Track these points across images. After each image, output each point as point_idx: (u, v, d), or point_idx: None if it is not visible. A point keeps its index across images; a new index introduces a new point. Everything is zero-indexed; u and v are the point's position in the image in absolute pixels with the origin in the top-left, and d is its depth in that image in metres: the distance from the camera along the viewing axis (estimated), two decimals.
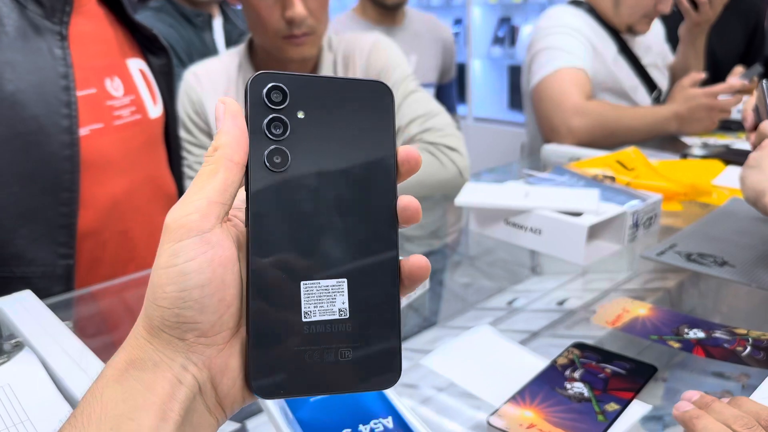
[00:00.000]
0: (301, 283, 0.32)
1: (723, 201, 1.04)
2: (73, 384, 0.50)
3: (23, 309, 0.62)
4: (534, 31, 1.62)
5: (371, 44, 1.23)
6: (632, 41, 1.64)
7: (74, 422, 0.29)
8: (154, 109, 0.93)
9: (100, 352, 0.54)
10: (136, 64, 0.93)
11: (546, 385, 0.58)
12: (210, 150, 0.32)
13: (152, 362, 0.30)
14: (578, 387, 0.57)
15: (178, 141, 1.06)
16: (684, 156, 1.33)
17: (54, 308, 0.62)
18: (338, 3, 3.38)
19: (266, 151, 0.32)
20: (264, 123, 0.32)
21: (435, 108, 1.21)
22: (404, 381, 0.61)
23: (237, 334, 0.32)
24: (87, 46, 0.83)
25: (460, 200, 0.93)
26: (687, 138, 1.50)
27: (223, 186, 0.31)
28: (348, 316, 0.32)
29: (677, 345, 0.64)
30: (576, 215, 0.85)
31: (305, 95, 0.33)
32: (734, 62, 1.77)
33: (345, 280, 0.32)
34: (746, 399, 0.48)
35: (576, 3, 1.63)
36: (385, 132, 0.34)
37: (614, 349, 0.64)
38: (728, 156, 1.28)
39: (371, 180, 0.33)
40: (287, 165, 0.32)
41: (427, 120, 1.18)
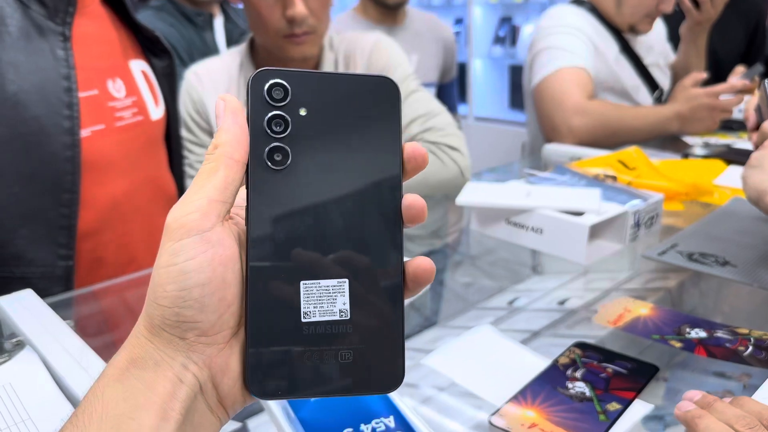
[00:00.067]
0: (301, 283, 0.32)
1: (724, 201, 1.04)
2: (74, 383, 0.50)
3: (24, 308, 0.62)
4: (535, 31, 1.62)
5: (372, 43, 1.22)
6: (634, 41, 1.64)
7: (75, 421, 0.29)
8: (156, 111, 0.93)
9: (101, 351, 0.54)
10: (139, 66, 0.93)
11: (547, 385, 0.58)
12: (210, 148, 0.32)
13: (153, 361, 0.30)
14: (580, 386, 0.57)
15: (180, 142, 1.06)
16: (685, 156, 1.33)
17: (55, 307, 0.62)
18: (339, 2, 3.38)
19: (267, 149, 0.32)
20: (265, 120, 0.32)
21: (436, 107, 1.21)
22: (405, 380, 0.61)
23: (238, 334, 0.32)
24: (90, 47, 0.83)
25: (462, 200, 0.93)
26: (688, 138, 1.49)
27: (224, 184, 0.31)
28: (349, 318, 0.32)
29: (679, 345, 0.64)
30: (577, 215, 0.85)
31: (308, 92, 0.32)
32: (736, 62, 1.77)
33: (346, 281, 0.32)
34: (748, 399, 0.48)
35: (578, 2, 1.63)
36: (391, 128, 0.33)
37: (616, 349, 0.64)
38: (730, 156, 1.28)
39: (375, 178, 0.33)
40: (288, 163, 0.32)
41: (429, 119, 1.18)
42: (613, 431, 0.52)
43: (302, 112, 0.32)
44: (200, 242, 0.30)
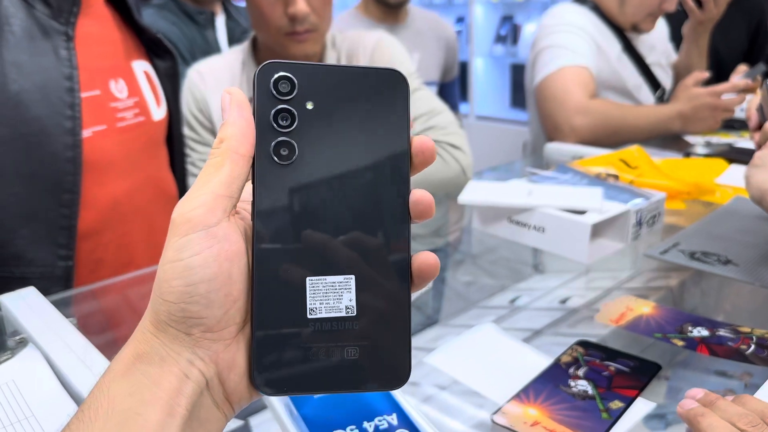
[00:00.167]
0: (307, 279, 0.31)
1: (726, 199, 1.04)
2: (78, 380, 0.50)
3: (27, 306, 0.62)
4: (538, 29, 1.62)
5: (375, 42, 1.23)
6: (636, 40, 1.64)
7: (81, 417, 0.29)
8: (158, 112, 0.93)
9: (104, 349, 0.54)
10: (141, 67, 0.93)
11: (550, 383, 0.58)
12: (216, 142, 0.32)
13: (159, 357, 0.30)
14: (582, 385, 0.57)
15: (182, 142, 1.06)
16: (687, 154, 1.33)
17: (58, 305, 0.62)
18: (341, 1, 3.37)
19: (273, 143, 0.31)
20: (271, 114, 0.31)
21: (438, 106, 1.21)
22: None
23: (244, 329, 0.31)
24: (93, 48, 0.83)
25: (463, 198, 0.93)
26: (690, 136, 1.49)
27: (229, 179, 0.31)
28: (355, 314, 0.32)
29: (681, 343, 0.64)
30: (579, 213, 0.85)
31: (315, 85, 0.32)
32: (738, 61, 1.76)
33: (353, 277, 0.32)
34: (750, 397, 0.48)
35: (580, 1, 1.63)
36: (399, 122, 0.33)
37: (618, 348, 0.64)
38: (731, 154, 1.28)
39: (383, 172, 0.32)
40: (294, 157, 0.31)
41: (431, 118, 1.18)
42: (616, 429, 0.52)
43: (309, 106, 0.32)
44: (206, 237, 0.29)
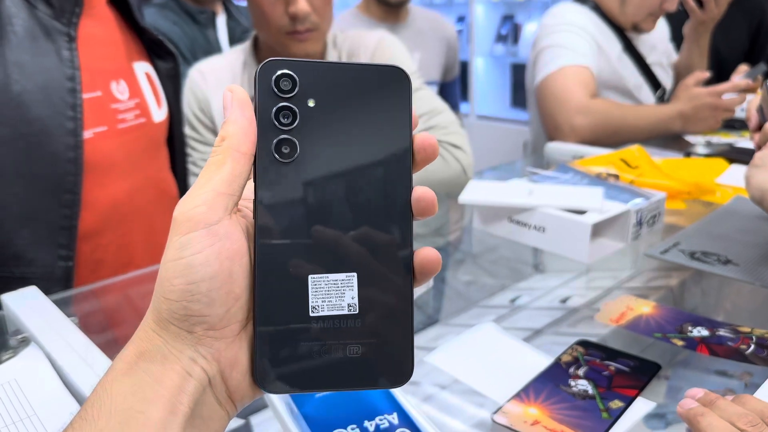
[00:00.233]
0: (309, 277, 0.31)
1: (727, 199, 1.04)
2: (79, 379, 0.50)
3: (29, 305, 0.62)
4: (539, 29, 1.62)
5: (376, 42, 1.23)
6: (637, 39, 1.64)
7: (84, 415, 0.29)
8: (159, 113, 0.93)
9: (106, 348, 0.54)
10: (143, 68, 0.93)
11: (550, 383, 0.58)
12: (217, 140, 0.31)
13: (161, 355, 0.30)
14: (582, 384, 0.57)
15: (183, 144, 1.06)
16: (688, 154, 1.33)
17: (59, 304, 0.63)
18: (342, 0, 3.37)
19: (274, 141, 0.31)
20: (272, 112, 0.31)
21: (439, 105, 1.21)
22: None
23: (247, 327, 0.32)
24: (95, 49, 0.83)
25: (464, 198, 0.93)
26: (691, 136, 1.49)
27: (231, 177, 0.31)
28: (357, 312, 0.32)
29: (681, 343, 0.65)
30: (580, 213, 0.85)
31: (316, 83, 0.32)
32: (739, 61, 1.76)
33: (355, 275, 0.32)
34: (750, 397, 0.48)
35: (581, 1, 1.63)
36: (401, 119, 0.32)
37: (618, 347, 0.64)
38: (732, 154, 1.28)
39: (385, 170, 0.32)
40: (296, 155, 0.31)
41: (431, 117, 1.18)
42: (616, 429, 0.52)
43: (311, 103, 0.32)
44: (207, 236, 0.30)
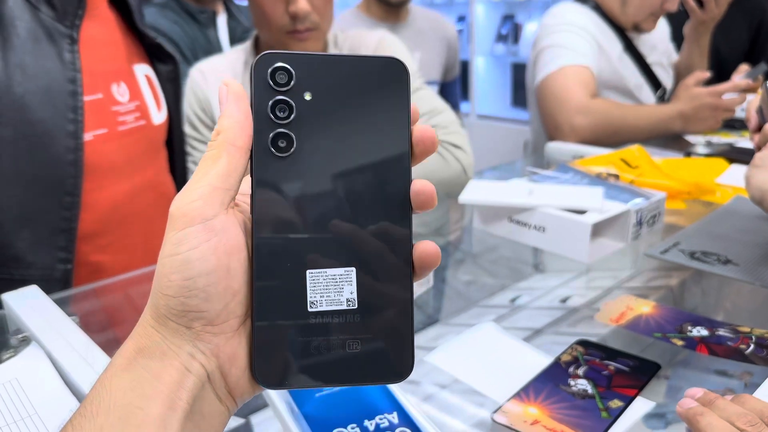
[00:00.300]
0: (307, 272, 0.31)
1: (727, 199, 1.04)
2: (80, 378, 0.50)
3: (30, 304, 0.62)
4: (539, 29, 1.62)
5: (377, 41, 1.23)
6: (637, 39, 1.64)
7: (83, 411, 0.29)
8: (158, 115, 0.94)
9: (106, 347, 0.54)
10: (143, 70, 0.93)
11: (550, 382, 0.58)
12: (213, 135, 0.31)
13: (160, 351, 0.30)
14: (582, 384, 0.58)
15: (183, 146, 1.06)
16: (688, 154, 1.33)
17: (60, 303, 0.63)
18: (342, 0, 3.37)
19: (271, 135, 0.31)
20: (269, 106, 0.31)
21: (440, 105, 1.22)
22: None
23: (246, 323, 0.31)
24: (96, 51, 0.83)
25: (464, 198, 0.93)
26: (691, 136, 1.49)
27: (227, 171, 0.30)
28: (356, 307, 0.31)
29: (680, 343, 0.65)
30: (580, 213, 0.85)
31: (312, 75, 0.32)
32: (739, 60, 1.76)
33: (353, 269, 0.31)
34: (750, 396, 0.48)
35: (581, 0, 1.63)
36: (399, 111, 0.32)
37: (617, 347, 0.64)
38: (732, 154, 1.28)
39: (383, 163, 0.32)
40: (293, 149, 0.31)
41: (432, 117, 1.18)
42: (615, 428, 0.52)
43: (307, 97, 0.31)
44: (203, 231, 0.29)
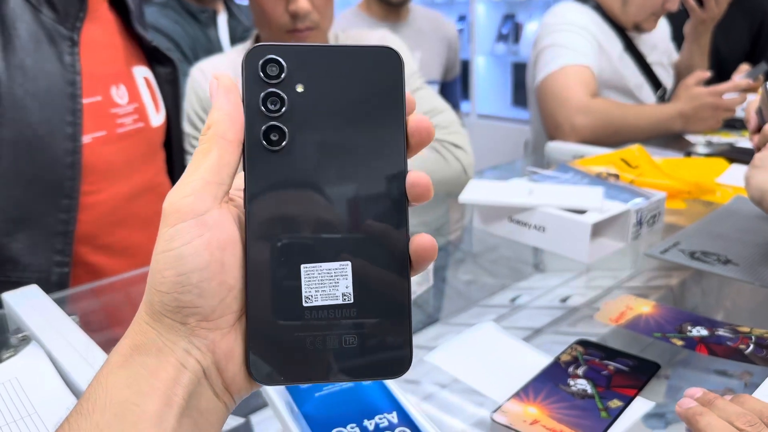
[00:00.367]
0: (301, 267, 0.31)
1: (727, 199, 1.04)
2: (80, 378, 0.50)
3: (30, 303, 0.62)
4: (540, 28, 1.62)
5: (377, 41, 1.23)
6: (638, 39, 1.64)
7: (80, 409, 0.29)
8: (156, 117, 0.94)
9: (106, 346, 0.54)
10: (142, 72, 0.93)
11: (549, 382, 0.58)
12: (204, 129, 0.31)
13: (156, 347, 0.29)
14: (581, 384, 0.58)
15: (181, 149, 1.06)
16: (688, 154, 1.33)
17: (60, 303, 0.63)
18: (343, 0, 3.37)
19: (262, 129, 0.31)
20: (260, 99, 0.31)
21: (440, 105, 1.22)
22: (407, 377, 0.61)
23: (242, 318, 0.31)
24: (96, 53, 0.84)
25: (464, 197, 0.93)
26: (691, 136, 1.49)
27: (218, 165, 0.30)
28: (352, 301, 0.31)
29: (680, 342, 0.65)
30: (580, 213, 0.85)
31: (304, 67, 0.31)
32: (739, 60, 1.76)
33: (349, 263, 0.31)
34: (749, 396, 0.48)
35: (582, 0, 1.63)
36: (394, 102, 0.31)
37: (617, 347, 0.64)
38: (732, 154, 1.28)
39: (378, 155, 0.31)
40: (285, 142, 0.31)
41: (433, 117, 1.18)
42: (615, 428, 0.52)
43: (299, 89, 0.31)
44: (196, 226, 0.29)
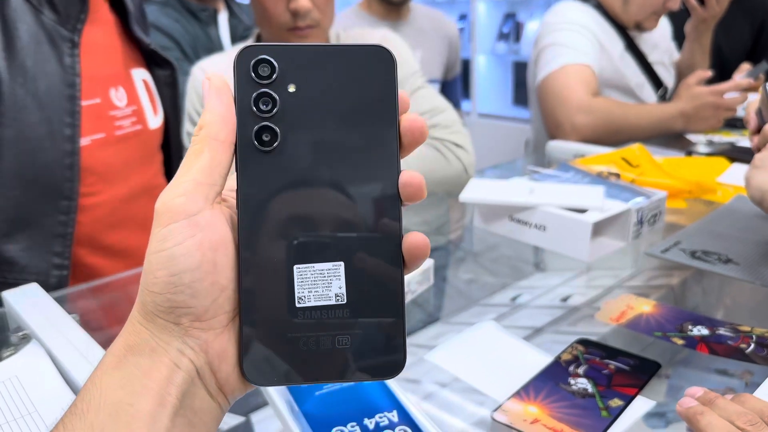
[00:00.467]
0: (294, 267, 0.31)
1: (728, 198, 1.04)
2: (80, 376, 0.50)
3: (30, 302, 0.62)
4: (540, 27, 1.62)
5: (379, 40, 1.23)
6: (639, 38, 1.64)
7: (74, 410, 0.29)
8: (154, 120, 0.94)
9: (106, 345, 0.53)
10: (140, 75, 0.93)
11: (550, 381, 0.58)
12: (195, 130, 0.31)
13: (149, 348, 0.30)
14: (582, 383, 0.58)
15: (180, 150, 1.06)
16: (689, 153, 1.33)
17: (60, 301, 0.63)
18: None
19: (254, 129, 0.31)
20: (252, 99, 0.31)
21: (441, 104, 1.22)
22: (408, 376, 0.62)
23: (235, 319, 0.31)
24: (96, 55, 0.84)
25: (465, 196, 0.93)
26: (692, 135, 1.49)
27: (210, 166, 0.30)
28: (345, 302, 0.31)
29: (681, 342, 0.65)
30: (580, 212, 0.85)
31: (296, 67, 0.31)
32: (741, 59, 1.76)
33: (342, 264, 0.31)
34: (750, 396, 0.48)
35: None
36: (387, 101, 0.31)
37: (618, 346, 0.64)
38: (733, 153, 1.28)
39: (370, 155, 0.31)
40: (277, 143, 0.31)
41: (434, 116, 1.18)
42: (615, 427, 0.52)
43: (291, 89, 0.31)
44: (187, 226, 0.29)
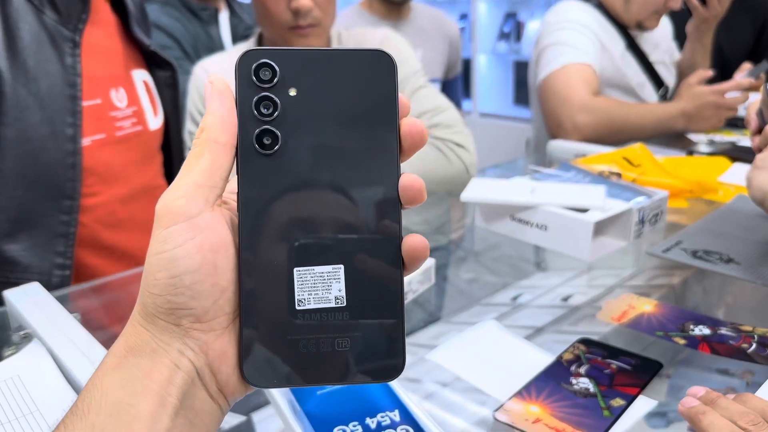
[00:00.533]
0: (294, 270, 0.31)
1: (729, 198, 1.04)
2: (82, 375, 0.50)
3: (32, 301, 0.62)
4: (541, 26, 1.62)
5: (380, 39, 1.23)
6: (640, 37, 1.64)
7: (75, 411, 0.29)
8: (155, 121, 0.94)
9: (108, 344, 0.53)
10: (141, 76, 0.94)
11: (551, 381, 0.58)
12: (197, 132, 0.31)
13: (150, 349, 0.30)
14: (584, 382, 0.58)
15: (180, 151, 1.06)
16: (690, 153, 1.33)
17: (62, 300, 0.63)
18: None
19: (255, 133, 0.31)
20: (253, 103, 0.31)
21: (443, 103, 1.22)
22: (409, 376, 0.61)
23: (236, 320, 0.31)
24: (97, 56, 0.84)
25: (466, 196, 0.93)
26: (693, 135, 1.49)
27: (210, 169, 0.30)
28: (345, 304, 0.31)
29: (682, 341, 0.65)
30: (582, 211, 0.85)
31: (297, 71, 0.31)
32: (742, 59, 1.76)
33: (341, 267, 0.31)
34: (752, 395, 0.48)
35: None
36: (387, 105, 0.32)
37: (619, 345, 0.64)
38: (734, 153, 1.28)
39: (370, 158, 0.31)
40: (278, 146, 0.31)
41: (435, 115, 1.18)
42: (617, 427, 0.52)
43: (292, 93, 0.31)
44: (188, 228, 0.29)
